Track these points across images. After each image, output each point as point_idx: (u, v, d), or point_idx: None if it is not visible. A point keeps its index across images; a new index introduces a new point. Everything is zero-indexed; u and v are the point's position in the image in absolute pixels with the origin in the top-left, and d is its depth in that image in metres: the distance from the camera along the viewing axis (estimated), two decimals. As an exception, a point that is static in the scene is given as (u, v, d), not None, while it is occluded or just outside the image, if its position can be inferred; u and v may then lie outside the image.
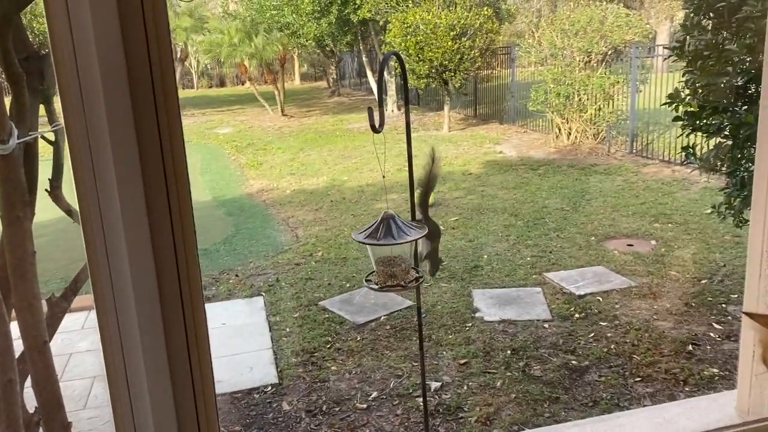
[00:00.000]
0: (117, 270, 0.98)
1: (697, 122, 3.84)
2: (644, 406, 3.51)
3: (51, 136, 1.79)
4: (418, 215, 2.53)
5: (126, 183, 0.96)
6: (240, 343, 4.72)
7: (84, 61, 0.91)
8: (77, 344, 4.56)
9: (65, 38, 0.90)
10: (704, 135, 3.96)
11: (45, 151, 1.79)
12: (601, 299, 5.00)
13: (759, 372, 1.38)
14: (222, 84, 29.97)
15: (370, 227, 2.09)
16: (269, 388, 4.06)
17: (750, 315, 1.00)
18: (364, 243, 2.05)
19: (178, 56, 20.09)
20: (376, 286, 1.95)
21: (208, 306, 5.39)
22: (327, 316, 5.02)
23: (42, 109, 1.75)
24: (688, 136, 4.12)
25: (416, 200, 2.49)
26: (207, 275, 6.07)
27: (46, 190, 1.83)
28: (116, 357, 1.00)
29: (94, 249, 0.97)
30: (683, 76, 3.97)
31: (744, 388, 1.42)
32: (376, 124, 2.19)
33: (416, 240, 2.09)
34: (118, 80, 0.93)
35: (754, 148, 1.51)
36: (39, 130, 1.75)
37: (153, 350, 1.02)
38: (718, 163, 3.93)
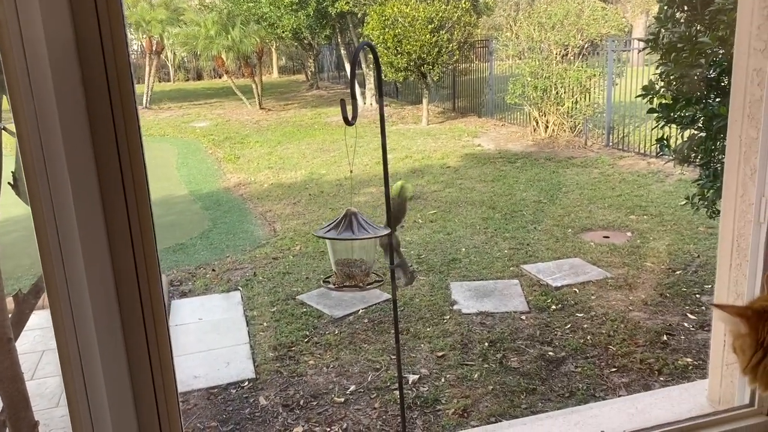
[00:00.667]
0: (72, 269, 0.94)
1: (671, 114, 3.87)
2: (619, 396, 3.54)
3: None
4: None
5: (80, 179, 0.93)
6: (217, 338, 4.67)
7: (32, 54, 0.88)
8: (50, 342, 4.47)
9: (12, 28, 0.86)
10: (678, 127, 4.00)
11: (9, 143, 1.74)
12: (577, 291, 5.04)
13: (730, 362, 1.39)
14: (199, 77, 29.63)
15: (331, 224, 2.07)
16: (246, 382, 4.02)
17: (718, 306, 1.01)
18: (323, 238, 2.03)
19: (154, 48, 19.78)
20: (332, 286, 1.93)
21: (184, 301, 5.35)
22: (305, 310, 4.99)
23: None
24: (662, 128, 4.15)
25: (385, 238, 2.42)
26: (183, 270, 6.01)
27: (9, 183, 1.78)
28: (72, 357, 0.97)
29: (47, 248, 0.93)
30: (657, 68, 3.99)
31: (715, 378, 1.43)
32: (349, 117, 2.17)
33: (377, 237, 2.07)
34: (69, 69, 0.90)
35: (725, 138, 1.51)
36: (2, 123, 1.69)
37: (111, 350, 0.99)
38: (692, 155, 3.97)
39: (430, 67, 12.86)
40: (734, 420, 1.29)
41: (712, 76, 3.68)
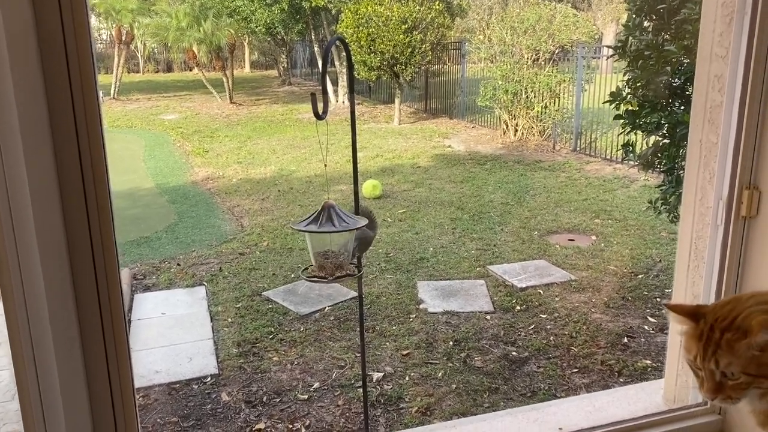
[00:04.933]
0: (27, 262, 0.92)
1: (637, 120, 3.95)
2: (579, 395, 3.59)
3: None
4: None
5: (37, 170, 0.90)
6: (180, 334, 4.61)
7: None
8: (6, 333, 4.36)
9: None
10: (643, 133, 4.08)
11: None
12: (541, 292, 5.10)
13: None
14: (170, 69, 29.19)
15: (310, 217, 2.06)
16: (209, 378, 3.98)
17: (670, 306, 1.03)
18: (303, 231, 2.02)
19: (123, 38, 19.42)
20: (316, 278, 1.91)
21: (147, 295, 5.27)
22: (270, 306, 4.96)
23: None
24: (628, 134, 4.23)
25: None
26: (147, 264, 5.91)
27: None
28: (25, 350, 0.94)
29: (0, 240, 0.90)
30: (624, 75, 4.07)
31: (671, 377, 1.46)
32: (320, 111, 2.16)
33: (357, 228, 2.07)
34: (27, 56, 0.87)
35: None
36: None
37: (66, 344, 0.97)
38: (656, 161, 4.05)
39: (403, 67, 12.89)
40: (687, 418, 1.31)
41: (677, 84, 3.77)
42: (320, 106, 2.16)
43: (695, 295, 1.38)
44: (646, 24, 3.87)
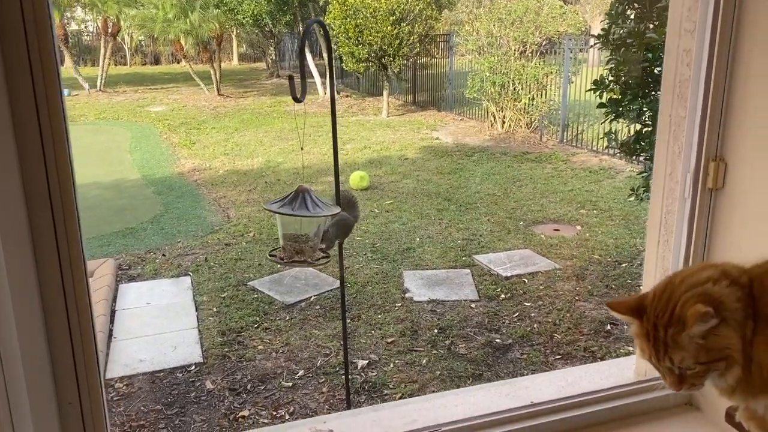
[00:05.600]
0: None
1: (620, 108, 3.97)
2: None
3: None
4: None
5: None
6: (165, 323, 4.59)
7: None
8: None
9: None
10: (626, 120, 4.10)
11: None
12: (526, 280, 5.13)
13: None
14: (157, 62, 28.99)
15: (283, 199, 2.06)
16: (193, 367, 3.98)
17: (611, 305, 1.00)
18: (277, 212, 2.02)
19: (109, 30, 19.24)
20: (277, 259, 1.92)
21: (132, 285, 5.25)
22: (256, 296, 4.95)
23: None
24: (611, 122, 4.25)
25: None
26: (132, 254, 5.89)
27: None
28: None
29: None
30: (607, 63, 4.08)
31: (642, 352, 1.48)
32: (298, 95, 2.17)
33: (329, 216, 2.07)
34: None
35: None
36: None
37: (31, 341, 0.96)
38: (638, 148, 4.08)
39: (391, 59, 12.87)
40: (653, 390, 1.33)
41: (659, 71, 3.79)
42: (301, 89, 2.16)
43: (665, 270, 1.39)
44: (628, 12, 3.89)
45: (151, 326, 4.54)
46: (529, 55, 11.17)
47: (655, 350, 0.95)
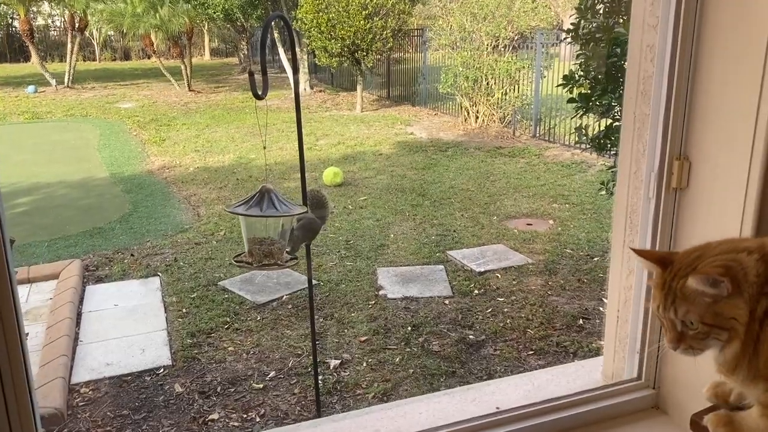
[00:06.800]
0: None
1: (590, 103, 3.96)
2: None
3: None
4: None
5: None
6: (132, 325, 4.49)
7: None
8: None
9: None
10: (596, 115, 4.10)
11: None
12: (499, 276, 5.12)
13: (622, 337, 1.41)
14: (127, 57, 28.52)
15: (248, 200, 2.00)
16: (161, 370, 3.89)
17: (638, 252, 1.01)
18: (242, 215, 1.96)
19: (77, 25, 18.84)
20: (244, 264, 1.86)
21: (99, 287, 5.13)
22: (226, 296, 4.87)
23: None
24: (581, 117, 4.25)
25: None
26: (100, 255, 5.76)
27: None
28: None
29: None
30: (577, 58, 4.08)
31: (609, 354, 1.46)
32: (260, 92, 2.10)
33: (294, 216, 2.02)
34: None
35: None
36: None
37: None
38: (608, 143, 4.09)
39: (365, 53, 12.79)
40: (622, 393, 1.31)
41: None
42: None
43: (630, 270, 1.37)
44: (597, 6, 3.88)
45: (119, 329, 4.43)
46: (502, 49, 11.18)
47: (664, 299, 0.94)
